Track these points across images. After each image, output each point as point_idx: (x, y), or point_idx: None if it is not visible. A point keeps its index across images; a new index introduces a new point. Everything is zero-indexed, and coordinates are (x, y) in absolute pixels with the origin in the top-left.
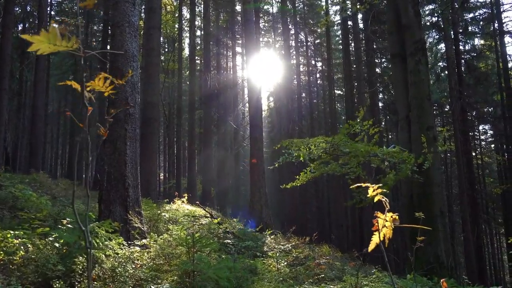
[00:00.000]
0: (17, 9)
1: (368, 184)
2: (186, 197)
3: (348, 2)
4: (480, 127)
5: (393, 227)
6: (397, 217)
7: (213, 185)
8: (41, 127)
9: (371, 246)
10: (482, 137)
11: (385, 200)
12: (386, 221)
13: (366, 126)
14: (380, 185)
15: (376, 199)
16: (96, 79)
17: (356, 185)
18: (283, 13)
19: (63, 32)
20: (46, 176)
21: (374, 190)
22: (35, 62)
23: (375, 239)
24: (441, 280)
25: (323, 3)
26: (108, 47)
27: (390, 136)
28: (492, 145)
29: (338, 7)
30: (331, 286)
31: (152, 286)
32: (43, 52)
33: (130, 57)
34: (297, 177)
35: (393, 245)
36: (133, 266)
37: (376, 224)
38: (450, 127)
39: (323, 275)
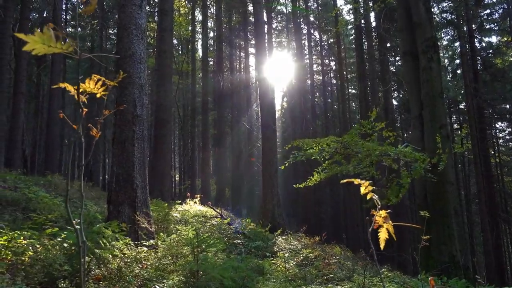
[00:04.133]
0: (34, 14)
1: (360, 181)
2: (198, 198)
3: (360, 1)
4: (498, 125)
5: (391, 224)
6: (388, 214)
7: (227, 186)
8: (57, 130)
9: (381, 244)
10: (500, 134)
11: (376, 198)
12: (381, 217)
13: (378, 128)
14: (370, 181)
15: (368, 197)
16: (87, 80)
17: (345, 180)
18: (295, 14)
19: (58, 35)
20: (61, 178)
21: (365, 188)
22: (51, 66)
23: (382, 236)
24: (429, 278)
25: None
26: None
27: (405, 135)
28: (511, 143)
29: (351, 5)
30: (339, 286)
31: (157, 286)
32: (39, 52)
33: (137, 59)
34: (310, 177)
35: (410, 245)
36: (140, 266)
37: (376, 222)
38: (466, 125)
39: (332, 275)
